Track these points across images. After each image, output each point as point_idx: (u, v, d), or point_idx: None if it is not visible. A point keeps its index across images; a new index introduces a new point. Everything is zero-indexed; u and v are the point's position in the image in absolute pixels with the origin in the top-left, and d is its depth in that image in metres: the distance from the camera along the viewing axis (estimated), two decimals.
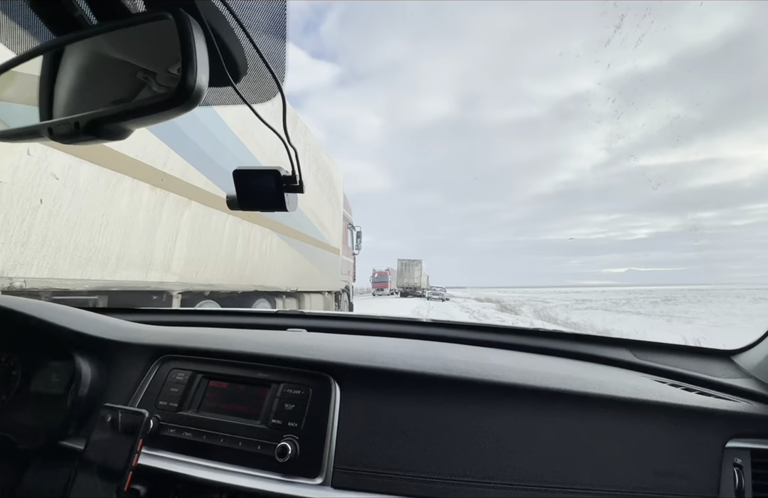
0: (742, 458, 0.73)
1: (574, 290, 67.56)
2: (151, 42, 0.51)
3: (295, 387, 0.82)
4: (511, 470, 0.71)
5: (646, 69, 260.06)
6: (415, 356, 0.86)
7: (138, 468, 0.70)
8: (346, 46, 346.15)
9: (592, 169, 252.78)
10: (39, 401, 0.95)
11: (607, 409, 0.76)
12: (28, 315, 0.95)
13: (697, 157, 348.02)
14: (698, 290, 53.84)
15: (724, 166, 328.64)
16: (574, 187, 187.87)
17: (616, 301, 31.01)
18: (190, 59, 0.43)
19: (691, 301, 30.39)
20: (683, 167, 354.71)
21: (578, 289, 64.45)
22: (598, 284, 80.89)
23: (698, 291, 50.47)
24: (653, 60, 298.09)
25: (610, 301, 32.77)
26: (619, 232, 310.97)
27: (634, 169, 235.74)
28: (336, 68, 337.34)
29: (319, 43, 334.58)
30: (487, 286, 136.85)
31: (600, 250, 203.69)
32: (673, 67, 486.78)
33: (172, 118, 0.48)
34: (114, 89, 0.55)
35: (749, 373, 0.90)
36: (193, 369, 0.89)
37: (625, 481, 0.71)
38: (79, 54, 0.56)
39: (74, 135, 0.51)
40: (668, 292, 51.81)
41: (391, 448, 0.73)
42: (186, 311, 1.36)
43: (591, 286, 74.72)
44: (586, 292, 57.62)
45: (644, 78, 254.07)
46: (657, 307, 24.13)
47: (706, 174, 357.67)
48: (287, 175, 0.75)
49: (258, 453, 0.76)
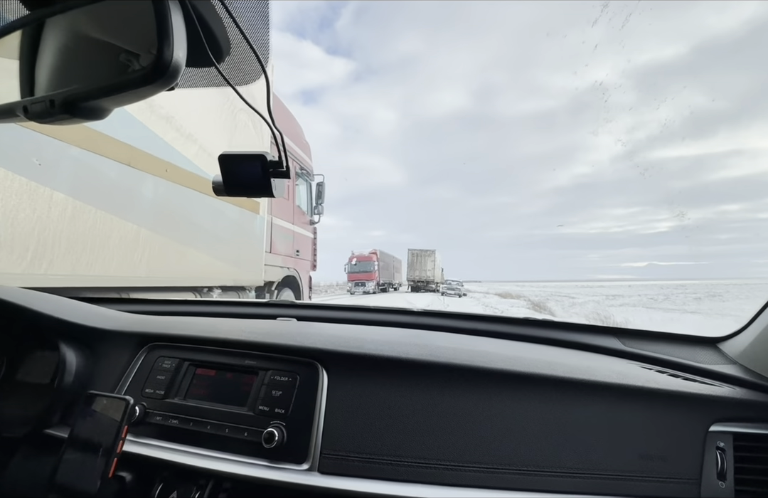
0: (724, 442, 0.74)
1: (597, 284, 61.01)
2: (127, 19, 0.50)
3: (282, 374, 0.82)
4: (498, 454, 0.71)
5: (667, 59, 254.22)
6: (403, 343, 0.86)
7: (124, 455, 0.69)
8: (361, 42, 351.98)
9: (610, 161, 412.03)
10: (24, 389, 0.94)
11: (593, 394, 0.76)
12: (12, 303, 0.94)
13: (721, 148, 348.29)
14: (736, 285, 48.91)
15: (749, 158, 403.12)
16: (592, 180, 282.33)
17: (653, 298, 26.68)
18: (165, 33, 0.42)
19: (738, 296, 25.26)
20: (706, 159, 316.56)
21: (602, 283, 58.92)
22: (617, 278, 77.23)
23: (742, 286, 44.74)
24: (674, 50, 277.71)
25: (646, 297, 28.24)
26: (638, 225, 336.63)
27: (654, 161, 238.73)
28: (351, 64, 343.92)
29: (334, 40, 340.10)
30: (503, 280, 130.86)
31: (619, 244, 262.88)
32: (696, 56, 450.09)
33: (149, 96, 0.47)
34: (87, 67, 0.54)
35: (734, 360, 0.91)
36: (180, 356, 0.89)
37: (610, 465, 0.71)
38: (58, 31, 0.55)
39: (49, 114, 0.49)
40: (709, 286, 46.53)
41: (378, 434, 0.73)
42: (174, 301, 1.35)
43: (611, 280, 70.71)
44: (611, 287, 52.33)
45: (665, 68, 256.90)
46: (703, 304, 20.25)
47: (731, 166, 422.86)
48: (273, 159, 0.75)
49: (245, 439, 0.76)
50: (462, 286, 34.08)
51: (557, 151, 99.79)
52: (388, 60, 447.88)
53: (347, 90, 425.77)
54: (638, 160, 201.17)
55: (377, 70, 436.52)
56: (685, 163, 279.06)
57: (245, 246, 4.17)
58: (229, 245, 3.83)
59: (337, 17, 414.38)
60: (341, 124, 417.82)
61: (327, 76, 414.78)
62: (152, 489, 0.74)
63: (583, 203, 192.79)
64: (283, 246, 5.24)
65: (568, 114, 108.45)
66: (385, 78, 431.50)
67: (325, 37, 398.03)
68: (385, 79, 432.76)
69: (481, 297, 27.03)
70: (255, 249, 4.35)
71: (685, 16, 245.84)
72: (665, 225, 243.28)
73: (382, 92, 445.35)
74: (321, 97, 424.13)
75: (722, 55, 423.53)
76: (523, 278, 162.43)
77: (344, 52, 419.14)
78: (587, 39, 76.63)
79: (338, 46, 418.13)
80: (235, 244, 3.97)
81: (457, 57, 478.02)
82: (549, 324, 1.17)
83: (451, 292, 29.68)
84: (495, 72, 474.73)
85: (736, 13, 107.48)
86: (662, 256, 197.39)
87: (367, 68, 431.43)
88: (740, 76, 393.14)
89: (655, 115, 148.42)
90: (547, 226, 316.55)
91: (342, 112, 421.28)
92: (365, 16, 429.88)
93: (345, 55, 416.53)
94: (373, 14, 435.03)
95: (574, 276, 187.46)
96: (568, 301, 21.95)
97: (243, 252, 4.12)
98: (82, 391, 0.89)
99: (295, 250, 5.61)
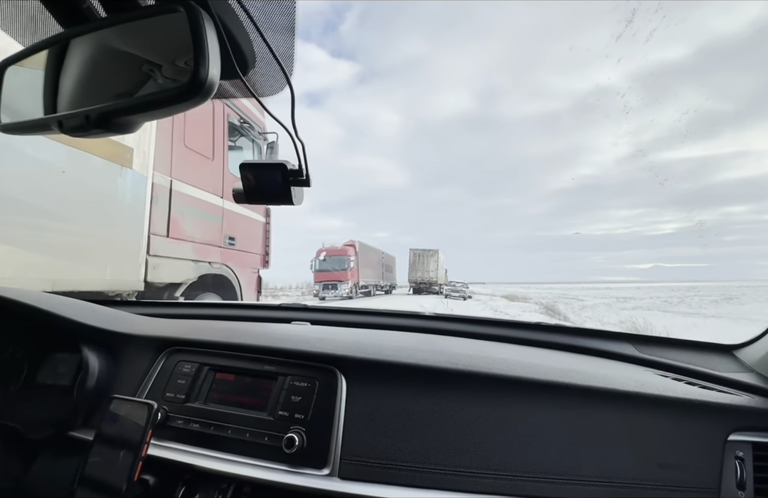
0: (743, 451, 0.74)
1: (604, 286, 57.70)
2: (160, 34, 0.51)
3: (301, 379, 0.83)
4: (516, 462, 0.72)
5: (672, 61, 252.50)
6: (420, 350, 0.87)
7: (147, 458, 0.71)
8: (365, 45, 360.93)
9: (615, 163, 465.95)
10: (47, 392, 0.95)
11: (610, 402, 0.77)
12: (35, 307, 0.96)
13: (727, 149, 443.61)
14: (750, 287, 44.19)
15: (755, 159, 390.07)
16: (596, 182, 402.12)
17: (666, 300, 23.88)
18: (202, 52, 0.43)
19: (757, 299, 23.47)
20: (711, 160, 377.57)
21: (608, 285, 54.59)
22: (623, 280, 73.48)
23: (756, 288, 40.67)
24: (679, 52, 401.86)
25: (659, 299, 25.36)
26: (643, 227, 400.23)
27: (659, 163, 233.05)
28: (355, 66, 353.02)
29: (339, 43, 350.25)
30: (507, 282, 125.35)
31: (623, 246, 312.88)
32: (701, 58, 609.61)
33: (183, 111, 0.48)
34: (121, 81, 0.55)
35: (751, 368, 0.91)
36: (199, 361, 0.90)
37: (627, 473, 0.71)
38: (86, 46, 0.56)
39: (84, 128, 0.51)
40: (722, 288, 42.30)
41: (397, 440, 0.74)
42: (190, 304, 1.37)
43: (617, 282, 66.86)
44: (619, 289, 49.48)
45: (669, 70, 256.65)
46: (721, 307, 18.37)
47: (737, 167, 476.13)
48: (294, 168, 0.76)
49: (265, 444, 0.77)
50: (467, 287, 31.32)
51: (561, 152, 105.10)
52: (391, 62, 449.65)
53: (351, 92, 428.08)
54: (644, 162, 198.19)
55: (381, 73, 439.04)
56: (690, 165, 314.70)
57: (101, 225, 2.64)
58: (66, 225, 2.41)
59: (341, 21, 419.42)
60: (345, 127, 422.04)
61: (331, 79, 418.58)
62: (175, 491, 0.76)
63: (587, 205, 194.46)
64: (199, 229, 3.63)
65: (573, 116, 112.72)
66: (389, 80, 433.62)
67: (330, 41, 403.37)
68: (389, 82, 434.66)
69: (488, 300, 25.07)
70: (123, 229, 2.78)
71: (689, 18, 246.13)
72: (670, 226, 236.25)
73: (386, 94, 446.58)
74: (325, 100, 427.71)
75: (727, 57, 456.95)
76: (527, 280, 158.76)
77: (348, 55, 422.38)
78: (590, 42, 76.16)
79: (342, 49, 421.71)
80: (83, 222, 2.52)
81: (460, 59, 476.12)
82: (563, 329, 1.17)
83: (456, 295, 27.60)
84: (499, 74, 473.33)
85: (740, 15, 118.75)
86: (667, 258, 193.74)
87: (371, 71, 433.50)
88: (745, 77, 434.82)
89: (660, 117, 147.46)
90: (551, 228, 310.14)
91: (346, 115, 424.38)
92: (369, 20, 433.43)
93: (349, 57, 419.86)
94: (376, 17, 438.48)
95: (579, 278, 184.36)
96: (578, 304, 20.71)
97: (96, 236, 2.61)
98: (103, 394, 0.90)
99: (225, 237, 4.02)
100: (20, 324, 1.03)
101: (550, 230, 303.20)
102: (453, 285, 31.01)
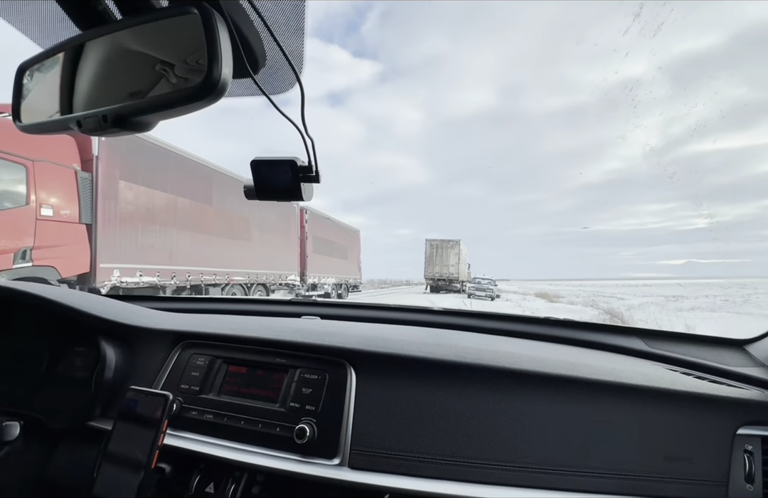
0: (752, 445, 0.74)
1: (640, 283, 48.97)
2: (173, 35, 0.52)
3: (312, 372, 0.84)
4: (524, 454, 0.73)
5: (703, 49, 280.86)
6: (429, 343, 0.88)
7: (163, 447, 0.73)
8: (386, 44, 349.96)
9: (644, 156, 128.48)
10: (66, 384, 0.99)
11: (619, 396, 0.77)
12: (54, 301, 0.99)
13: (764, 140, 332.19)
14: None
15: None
16: (624, 176, 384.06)
17: (728, 299, 19.40)
18: (215, 53, 0.44)
19: None
20: (749, 151, 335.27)
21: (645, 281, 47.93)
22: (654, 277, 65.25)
23: None
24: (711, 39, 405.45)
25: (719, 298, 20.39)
26: (675, 221, 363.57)
27: (692, 155, 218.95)
28: (377, 65, 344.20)
29: (360, 43, 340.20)
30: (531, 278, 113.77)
31: (654, 241, 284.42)
32: (734, 45, 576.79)
33: (197, 110, 0.50)
34: (135, 81, 0.56)
35: (762, 362, 0.90)
36: (212, 354, 0.92)
37: (635, 466, 0.72)
38: (101, 47, 0.57)
39: (101, 128, 0.52)
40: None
41: (406, 432, 0.75)
42: (202, 299, 1.40)
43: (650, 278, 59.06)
44: (658, 286, 43.50)
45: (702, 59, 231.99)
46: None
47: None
48: (303, 164, 0.77)
49: (277, 435, 0.79)
50: (495, 284, 24.68)
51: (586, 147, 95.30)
52: (413, 60, 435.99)
53: (373, 91, 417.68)
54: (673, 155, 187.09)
55: (402, 71, 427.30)
56: (726, 156, 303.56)
57: None
58: None
59: (362, 21, 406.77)
60: (367, 125, 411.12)
61: (353, 79, 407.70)
62: (190, 480, 0.78)
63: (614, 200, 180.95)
64: None
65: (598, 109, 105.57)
66: (411, 78, 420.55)
67: (352, 41, 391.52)
68: (411, 80, 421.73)
69: (520, 300, 20.58)
70: None
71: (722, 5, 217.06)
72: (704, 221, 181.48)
73: (408, 92, 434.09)
74: (347, 99, 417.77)
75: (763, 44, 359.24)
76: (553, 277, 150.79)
77: (370, 54, 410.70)
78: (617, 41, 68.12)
79: (364, 48, 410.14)
80: None
81: (482, 55, 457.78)
82: (571, 324, 1.17)
83: (481, 294, 22.43)
84: (521, 69, 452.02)
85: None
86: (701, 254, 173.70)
87: (392, 69, 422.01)
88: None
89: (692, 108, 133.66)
90: (576, 223, 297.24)
91: (368, 113, 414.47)
92: (390, 19, 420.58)
93: (371, 57, 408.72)
94: (397, 16, 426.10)
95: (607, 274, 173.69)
96: (620, 304, 16.84)
97: None
98: (121, 385, 0.93)
99: None
100: (41, 318, 1.07)
101: (575, 226, 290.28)
102: (477, 282, 24.87)
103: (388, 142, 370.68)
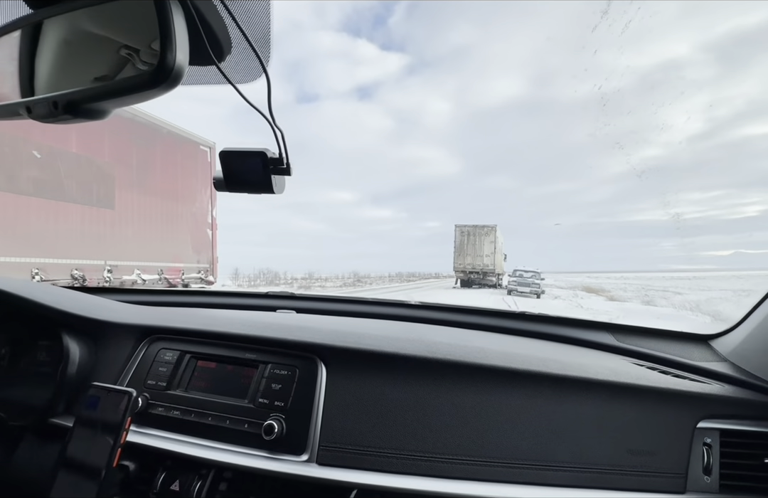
0: (711, 438, 0.76)
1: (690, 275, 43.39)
2: (132, 17, 0.50)
3: (282, 367, 0.83)
4: (491, 448, 0.73)
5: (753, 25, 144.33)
6: (401, 339, 0.87)
7: (127, 445, 0.71)
8: (414, 36, 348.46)
9: (686, 141, 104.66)
10: (28, 380, 0.95)
11: (585, 391, 0.78)
12: (14, 294, 0.95)
13: None
14: None
15: None
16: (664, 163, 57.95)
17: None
18: (168, 37, 0.42)
19: None
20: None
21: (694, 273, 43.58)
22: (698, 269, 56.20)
23: None
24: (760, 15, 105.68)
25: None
26: (721, 210, 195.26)
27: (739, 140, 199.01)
28: (405, 58, 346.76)
29: (388, 36, 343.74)
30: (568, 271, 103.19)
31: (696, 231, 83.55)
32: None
33: (153, 99, 0.48)
34: (95, 66, 0.54)
35: (725, 357, 0.93)
36: (181, 349, 0.90)
37: (600, 459, 0.73)
38: (58, 29, 0.54)
39: (52, 114, 0.50)
40: None
41: (375, 427, 0.75)
42: (174, 291, 1.37)
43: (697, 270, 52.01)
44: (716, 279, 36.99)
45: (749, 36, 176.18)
46: None
47: None
48: (274, 156, 0.75)
49: (245, 431, 0.77)
50: (541, 278, 19.61)
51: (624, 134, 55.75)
52: (441, 51, 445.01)
53: (401, 83, 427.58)
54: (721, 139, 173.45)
55: (431, 62, 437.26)
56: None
57: None
58: None
59: (390, 14, 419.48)
60: (396, 118, 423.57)
61: (381, 72, 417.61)
62: (155, 478, 0.76)
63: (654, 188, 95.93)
64: None
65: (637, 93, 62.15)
66: (439, 69, 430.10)
67: (379, 34, 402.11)
68: (439, 70, 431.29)
69: (570, 296, 17.77)
70: None
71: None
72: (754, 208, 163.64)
73: (436, 83, 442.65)
74: (376, 93, 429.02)
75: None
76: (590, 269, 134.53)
77: (397, 47, 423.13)
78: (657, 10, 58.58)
79: (392, 41, 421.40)
80: None
81: (511, 43, 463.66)
82: (544, 318, 1.19)
83: (525, 289, 18.55)
84: (552, 55, 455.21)
85: None
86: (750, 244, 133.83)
87: (420, 61, 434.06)
88: None
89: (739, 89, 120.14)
90: (613, 214, 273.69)
91: (396, 106, 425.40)
92: (417, 10, 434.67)
93: (398, 49, 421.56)
94: (425, 7, 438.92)
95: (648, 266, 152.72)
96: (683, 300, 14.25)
97: None
98: (85, 381, 0.90)
99: None
100: (0, 311, 1.02)
101: (612, 216, 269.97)
102: (519, 275, 19.85)
103: (416, 135, 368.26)
